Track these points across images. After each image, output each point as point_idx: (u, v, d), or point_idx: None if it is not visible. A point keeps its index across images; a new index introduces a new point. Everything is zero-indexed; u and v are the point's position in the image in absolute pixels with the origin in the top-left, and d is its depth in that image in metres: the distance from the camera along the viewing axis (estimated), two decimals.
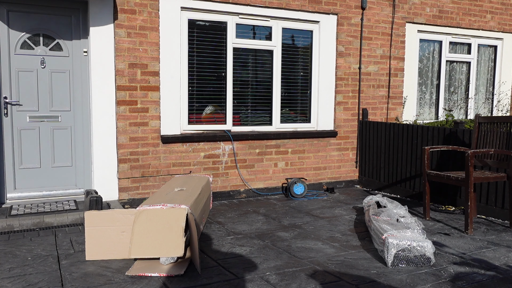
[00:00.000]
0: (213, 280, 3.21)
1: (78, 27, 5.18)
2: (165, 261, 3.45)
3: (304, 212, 5.24)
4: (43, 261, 3.57)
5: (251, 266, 3.50)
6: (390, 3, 6.77)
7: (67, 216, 4.59)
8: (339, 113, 6.57)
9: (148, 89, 5.33)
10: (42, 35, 5.04)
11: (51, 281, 3.17)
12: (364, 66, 6.66)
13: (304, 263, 3.57)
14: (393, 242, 3.50)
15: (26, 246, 3.93)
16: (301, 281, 3.21)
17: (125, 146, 5.27)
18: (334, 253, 3.83)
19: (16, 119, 5.02)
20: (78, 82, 5.25)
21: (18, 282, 3.15)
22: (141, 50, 5.26)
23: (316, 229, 4.54)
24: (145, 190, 5.42)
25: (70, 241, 4.07)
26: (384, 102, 6.90)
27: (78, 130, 5.31)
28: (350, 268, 3.47)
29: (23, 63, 4.99)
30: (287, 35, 6.24)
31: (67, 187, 5.30)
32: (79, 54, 5.21)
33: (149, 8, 5.26)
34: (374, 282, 3.20)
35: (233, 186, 5.94)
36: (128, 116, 5.26)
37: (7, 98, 4.96)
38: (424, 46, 7.34)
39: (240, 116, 6.05)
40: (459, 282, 3.21)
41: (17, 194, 5.08)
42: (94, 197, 4.52)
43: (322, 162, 6.53)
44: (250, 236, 4.27)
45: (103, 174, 5.21)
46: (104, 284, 3.14)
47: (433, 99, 7.59)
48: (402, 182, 6.10)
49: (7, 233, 4.29)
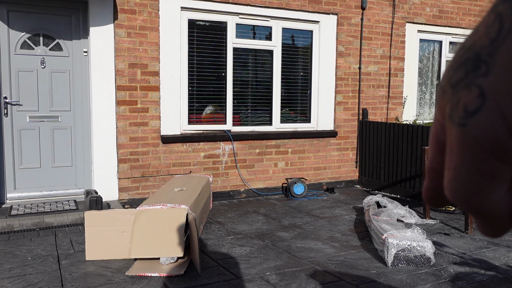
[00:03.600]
0: (213, 280, 3.21)
1: (78, 27, 5.18)
2: (165, 261, 3.45)
3: (304, 212, 5.24)
4: (43, 261, 3.57)
5: (251, 266, 3.50)
6: (390, 3, 6.77)
7: (67, 216, 4.59)
8: (339, 113, 6.57)
9: (148, 89, 5.33)
10: (42, 35, 5.04)
11: (51, 281, 3.17)
12: (364, 66, 6.66)
13: (304, 263, 3.57)
14: (393, 242, 3.50)
15: (26, 246, 3.92)
16: (301, 281, 3.21)
17: (125, 146, 5.27)
18: (334, 253, 3.83)
19: (16, 119, 5.02)
20: (78, 82, 5.25)
21: (18, 282, 3.15)
22: (141, 50, 5.26)
23: (316, 229, 4.54)
24: (145, 190, 5.42)
25: (70, 241, 4.07)
26: (384, 102, 6.89)
27: (78, 130, 5.30)
28: (350, 268, 3.47)
29: (23, 63, 4.99)
30: (287, 35, 6.24)
31: (67, 187, 5.30)
32: (79, 54, 5.21)
33: (149, 8, 5.26)
34: (374, 282, 3.20)
35: (233, 186, 5.94)
36: (128, 116, 5.26)
37: (7, 98, 4.96)
38: (424, 46, 7.33)
39: (240, 116, 6.05)
40: (459, 282, 3.21)
41: (17, 194, 5.08)
42: (94, 197, 4.52)
43: (322, 162, 6.53)
44: (250, 236, 4.27)
45: (103, 174, 5.21)
46: (104, 284, 3.14)
47: (433, 99, 7.58)
48: (402, 182, 6.10)
49: (7, 233, 4.29)
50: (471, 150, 0.23)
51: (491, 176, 0.24)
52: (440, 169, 0.30)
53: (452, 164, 0.25)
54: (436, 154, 0.30)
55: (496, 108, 0.21)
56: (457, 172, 0.25)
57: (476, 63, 0.24)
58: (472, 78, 0.23)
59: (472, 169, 0.24)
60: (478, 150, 0.23)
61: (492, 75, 0.22)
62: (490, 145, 0.22)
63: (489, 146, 0.22)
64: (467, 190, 0.24)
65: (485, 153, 0.23)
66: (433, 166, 0.31)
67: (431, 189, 0.32)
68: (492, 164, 0.23)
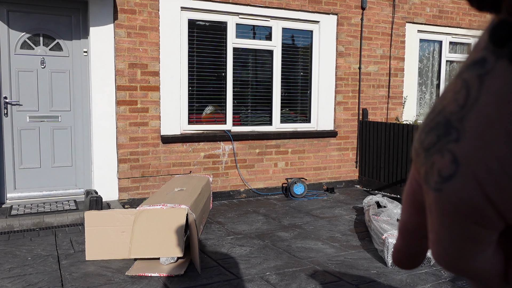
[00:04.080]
0: (213, 280, 3.21)
1: (78, 27, 5.18)
2: (165, 261, 3.45)
3: (304, 212, 5.24)
4: (43, 261, 3.57)
5: (251, 266, 3.50)
6: (390, 3, 6.77)
7: (67, 216, 4.59)
8: (339, 113, 6.57)
9: (148, 89, 5.33)
10: (42, 35, 5.04)
11: (51, 281, 3.17)
12: (364, 66, 6.66)
13: (304, 263, 3.57)
14: (393, 242, 3.50)
15: (26, 246, 3.92)
16: (301, 281, 3.21)
17: (125, 146, 5.27)
18: (334, 253, 3.83)
19: (16, 119, 5.02)
20: (78, 82, 5.25)
21: (18, 282, 3.15)
22: (141, 50, 5.25)
23: (316, 229, 4.54)
24: (145, 190, 5.42)
25: (70, 241, 4.07)
26: (384, 102, 6.89)
27: (78, 130, 5.30)
28: (350, 268, 3.47)
29: (23, 63, 4.99)
30: (287, 35, 6.24)
31: (67, 187, 5.30)
32: (79, 54, 5.21)
33: (149, 8, 5.26)
34: (374, 282, 3.20)
35: (233, 186, 5.94)
36: (128, 116, 5.26)
37: (7, 98, 4.96)
38: (424, 46, 7.33)
39: (240, 116, 6.05)
40: (459, 282, 3.21)
41: (17, 194, 5.08)
42: (94, 197, 4.52)
43: (322, 162, 6.53)
44: (250, 236, 4.27)
45: (103, 174, 5.21)
46: (104, 284, 3.14)
47: (433, 99, 7.58)
48: (402, 182, 6.10)
49: (7, 233, 4.29)
50: (450, 215, 0.23)
51: (473, 241, 0.23)
52: (414, 230, 0.29)
53: (434, 227, 0.25)
54: (411, 215, 0.29)
55: (470, 173, 0.21)
56: (439, 236, 0.24)
57: (447, 128, 0.24)
58: (444, 144, 0.23)
59: (453, 235, 0.23)
60: (456, 216, 0.22)
61: (463, 141, 0.23)
62: (468, 211, 0.22)
63: (467, 212, 0.22)
64: (451, 255, 0.24)
65: (464, 218, 0.22)
66: (407, 227, 0.30)
67: (403, 251, 0.31)
68: (473, 229, 0.23)
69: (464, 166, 0.22)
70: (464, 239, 0.23)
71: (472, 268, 0.24)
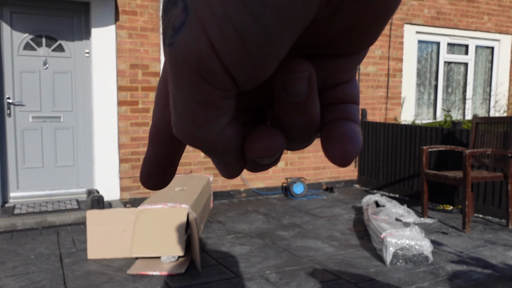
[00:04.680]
0: (214, 279, 3.26)
1: (80, 29, 5.23)
2: (166, 259, 3.49)
3: (304, 212, 5.28)
4: (45, 259, 3.62)
5: (251, 264, 3.55)
6: None
7: (69, 215, 4.64)
8: None
9: (149, 90, 5.38)
10: (45, 36, 5.09)
11: (54, 279, 3.21)
12: (363, 66, 6.71)
13: (304, 262, 3.62)
14: (391, 241, 3.55)
15: (29, 245, 3.97)
16: (300, 280, 3.25)
17: (127, 146, 5.31)
18: (333, 252, 3.88)
19: (19, 119, 5.07)
20: (80, 83, 5.30)
21: (22, 280, 3.20)
22: (142, 51, 5.30)
23: (315, 228, 4.59)
24: (146, 189, 5.45)
25: (72, 240, 4.12)
26: (383, 102, 6.94)
27: (80, 130, 5.35)
28: (349, 267, 3.52)
29: (26, 64, 5.04)
30: None
31: (69, 187, 5.35)
32: (81, 55, 5.26)
33: (150, 10, 5.31)
34: (373, 281, 3.25)
35: (233, 186, 5.98)
36: (130, 116, 5.30)
37: (10, 98, 5.01)
38: (422, 47, 7.38)
39: None
40: (457, 280, 3.26)
41: (20, 194, 5.13)
42: (96, 197, 4.57)
43: (321, 161, 6.57)
44: (250, 235, 4.32)
45: (104, 173, 5.26)
46: (105, 282, 3.18)
47: (431, 100, 7.63)
48: (401, 181, 6.15)
49: (10, 232, 4.34)
50: (181, 72, 0.20)
51: (206, 103, 0.21)
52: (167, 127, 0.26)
53: (171, 93, 0.22)
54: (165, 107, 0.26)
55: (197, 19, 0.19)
56: (174, 102, 0.22)
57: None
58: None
59: (185, 95, 0.21)
60: (186, 71, 0.20)
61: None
62: (195, 64, 0.20)
63: (195, 65, 0.20)
64: (186, 121, 0.22)
65: (194, 74, 0.20)
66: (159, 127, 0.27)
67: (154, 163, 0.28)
68: (204, 87, 0.20)
69: (192, 12, 0.19)
70: (196, 102, 0.21)
71: (206, 137, 0.23)
